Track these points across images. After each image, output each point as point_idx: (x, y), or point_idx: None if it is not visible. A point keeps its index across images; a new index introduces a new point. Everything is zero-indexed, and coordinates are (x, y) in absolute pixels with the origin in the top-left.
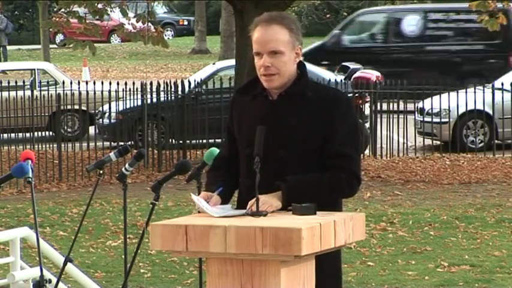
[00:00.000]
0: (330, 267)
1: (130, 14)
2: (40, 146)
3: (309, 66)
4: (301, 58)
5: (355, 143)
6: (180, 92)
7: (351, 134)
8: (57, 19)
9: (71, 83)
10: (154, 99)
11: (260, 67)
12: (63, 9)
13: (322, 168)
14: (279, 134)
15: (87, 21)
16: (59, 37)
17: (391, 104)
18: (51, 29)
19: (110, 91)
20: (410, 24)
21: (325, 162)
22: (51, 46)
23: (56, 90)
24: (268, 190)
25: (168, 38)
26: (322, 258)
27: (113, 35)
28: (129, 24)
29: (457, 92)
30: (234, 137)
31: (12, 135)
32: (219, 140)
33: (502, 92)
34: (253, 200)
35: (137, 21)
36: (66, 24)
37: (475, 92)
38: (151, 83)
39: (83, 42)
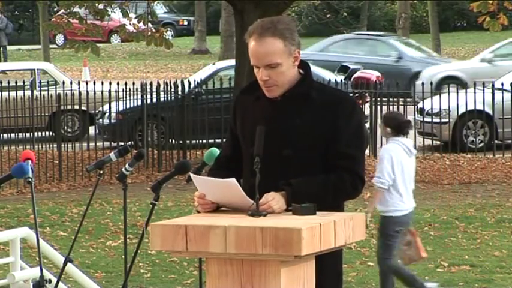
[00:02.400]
0: (332, 268)
1: (132, 15)
2: (40, 146)
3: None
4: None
5: (360, 143)
6: (180, 92)
7: (356, 134)
8: (58, 20)
9: (71, 83)
10: (154, 99)
11: (259, 79)
12: (63, 10)
13: (326, 168)
14: (283, 134)
15: (88, 21)
16: (59, 37)
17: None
18: (51, 31)
19: (110, 91)
20: None
21: (329, 163)
22: (51, 46)
23: (56, 90)
24: (271, 190)
25: (168, 38)
26: (324, 259)
27: (113, 35)
28: (130, 25)
29: (457, 92)
30: (236, 137)
31: (12, 135)
32: (219, 140)
33: (502, 92)
34: (268, 194)
35: (138, 22)
36: (67, 25)
37: (475, 92)
38: (151, 83)
39: (85, 43)
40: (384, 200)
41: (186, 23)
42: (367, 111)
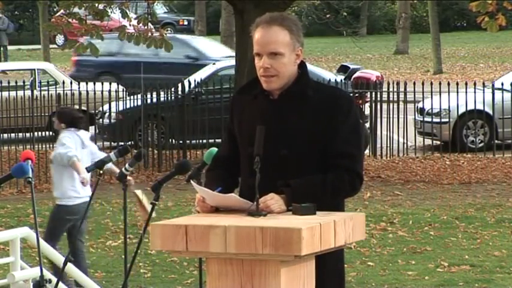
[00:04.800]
0: (333, 268)
1: (132, 15)
2: (40, 146)
3: (309, 66)
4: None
5: (357, 141)
6: (180, 92)
7: (353, 132)
8: (57, 21)
9: (71, 83)
10: (155, 99)
11: (259, 68)
12: (62, 11)
13: (324, 167)
14: (280, 133)
15: (88, 22)
16: (59, 37)
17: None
18: (51, 32)
19: (110, 91)
20: None
21: (328, 161)
22: (51, 46)
23: (56, 90)
24: (269, 190)
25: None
26: (326, 258)
27: None
28: (130, 26)
29: (457, 92)
30: (233, 137)
31: (12, 135)
32: (219, 140)
33: (502, 92)
34: (268, 195)
35: (138, 23)
36: (67, 26)
37: (475, 92)
38: (151, 83)
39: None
40: (60, 187)
41: (186, 23)
42: (367, 111)
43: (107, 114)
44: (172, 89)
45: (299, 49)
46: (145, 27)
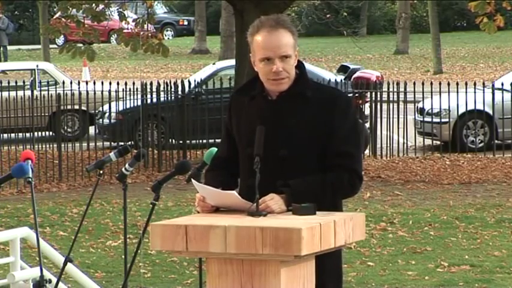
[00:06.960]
0: (331, 267)
1: (132, 15)
2: (40, 146)
3: (309, 66)
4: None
5: (356, 141)
6: (180, 92)
7: (352, 132)
8: (56, 23)
9: (71, 83)
10: (154, 99)
11: (269, 72)
12: (60, 13)
13: (323, 167)
14: (279, 134)
15: (87, 22)
16: (60, 37)
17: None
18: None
19: (110, 91)
20: None
21: (327, 161)
22: (51, 46)
23: (56, 90)
24: (269, 190)
25: (168, 38)
26: (324, 258)
27: (113, 35)
28: (128, 29)
29: (457, 92)
30: (232, 137)
31: (12, 135)
32: (219, 140)
33: (502, 92)
34: (267, 196)
35: (136, 26)
36: (65, 29)
37: (475, 92)
38: (151, 83)
39: (84, 45)
40: None
41: (186, 23)
42: (367, 111)
43: (107, 114)
44: (172, 89)
45: (297, 50)
46: (146, 28)
